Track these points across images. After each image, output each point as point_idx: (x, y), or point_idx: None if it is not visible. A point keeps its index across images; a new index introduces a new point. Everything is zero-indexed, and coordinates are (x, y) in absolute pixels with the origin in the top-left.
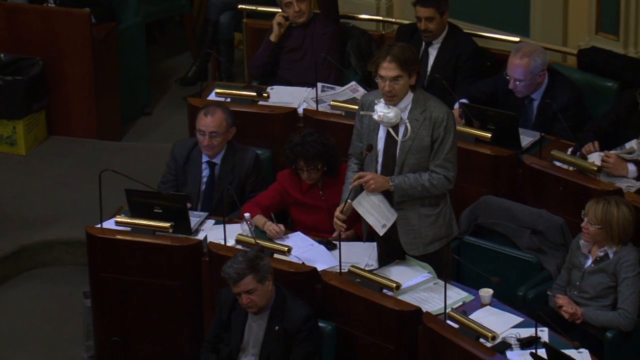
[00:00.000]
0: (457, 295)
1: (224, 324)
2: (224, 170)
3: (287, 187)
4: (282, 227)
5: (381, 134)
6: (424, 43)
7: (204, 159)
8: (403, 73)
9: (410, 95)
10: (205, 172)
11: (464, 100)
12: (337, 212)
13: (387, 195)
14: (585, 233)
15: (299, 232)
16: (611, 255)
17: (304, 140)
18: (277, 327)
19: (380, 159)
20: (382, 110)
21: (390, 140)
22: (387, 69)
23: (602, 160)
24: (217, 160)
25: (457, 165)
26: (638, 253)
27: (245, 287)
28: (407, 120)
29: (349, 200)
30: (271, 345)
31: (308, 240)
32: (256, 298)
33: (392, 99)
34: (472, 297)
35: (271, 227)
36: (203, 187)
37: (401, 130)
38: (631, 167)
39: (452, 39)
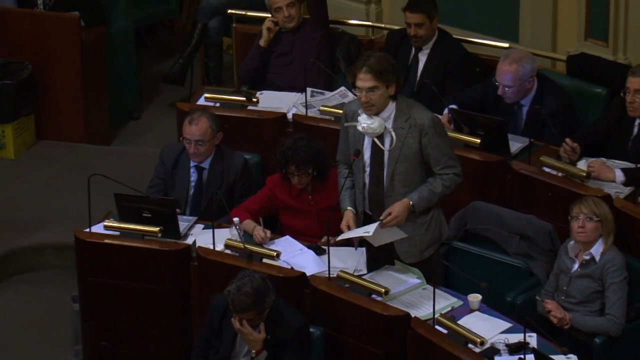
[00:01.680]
0: (445, 301)
1: (215, 330)
2: (212, 175)
3: (277, 191)
4: (268, 232)
5: (366, 144)
6: (413, 49)
7: (192, 163)
8: (379, 84)
9: (392, 105)
10: (194, 177)
11: (453, 106)
12: (344, 224)
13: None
14: (581, 233)
15: (287, 237)
16: (597, 259)
17: (295, 144)
18: (268, 337)
19: (368, 169)
20: (365, 122)
21: (376, 150)
22: (363, 80)
23: (588, 166)
24: (206, 165)
25: None
26: (623, 257)
27: (244, 317)
28: (391, 130)
29: (349, 208)
30: None
31: (297, 244)
32: (252, 322)
33: (371, 109)
34: (461, 303)
35: (257, 231)
36: (191, 191)
37: (387, 140)
38: (618, 172)
39: (441, 44)
